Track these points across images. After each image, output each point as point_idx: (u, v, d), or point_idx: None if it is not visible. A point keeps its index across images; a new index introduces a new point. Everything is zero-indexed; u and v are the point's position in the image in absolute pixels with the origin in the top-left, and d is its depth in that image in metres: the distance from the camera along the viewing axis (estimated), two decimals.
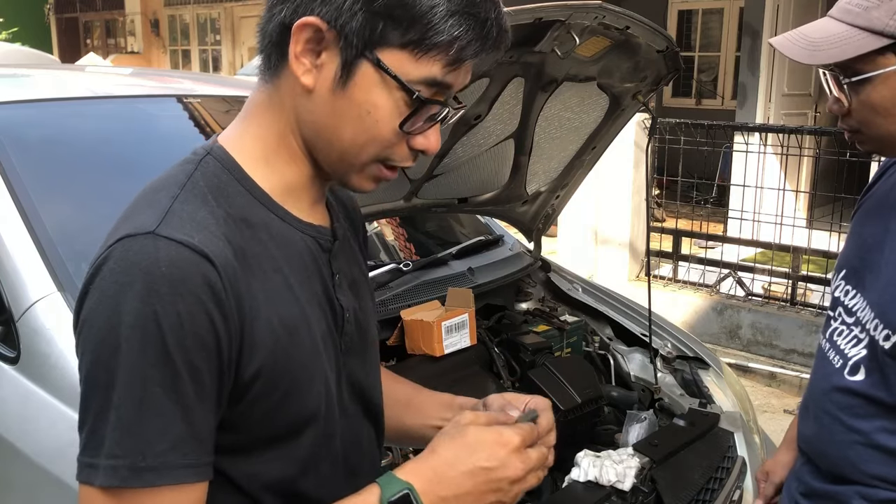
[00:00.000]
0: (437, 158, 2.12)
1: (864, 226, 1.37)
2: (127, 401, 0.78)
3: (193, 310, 0.78)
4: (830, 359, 1.35)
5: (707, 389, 2.31)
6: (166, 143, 2.48)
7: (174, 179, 0.88)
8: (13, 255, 1.81)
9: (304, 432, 0.91)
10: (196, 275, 0.79)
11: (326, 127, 0.88)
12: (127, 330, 0.77)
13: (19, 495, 1.70)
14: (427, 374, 1.96)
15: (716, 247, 5.80)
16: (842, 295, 1.36)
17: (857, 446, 1.29)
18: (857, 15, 1.16)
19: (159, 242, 0.79)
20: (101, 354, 0.79)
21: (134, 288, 0.77)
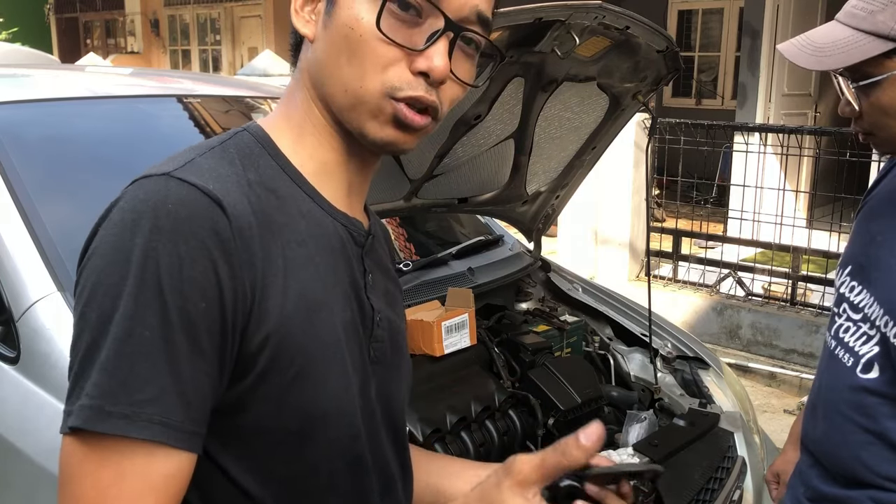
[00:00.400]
0: (437, 158, 2.12)
1: (869, 222, 1.37)
2: (113, 339, 0.72)
3: (196, 254, 0.73)
4: (840, 357, 1.33)
5: (707, 389, 2.31)
6: (166, 143, 2.48)
7: (206, 143, 0.85)
8: (13, 255, 1.81)
9: (315, 428, 0.83)
10: (204, 218, 0.74)
11: (327, 65, 0.83)
12: (122, 265, 0.72)
13: (19, 495, 1.70)
14: (427, 374, 1.96)
15: (716, 247, 5.80)
16: (847, 291, 1.35)
17: (870, 447, 1.28)
18: (862, 19, 1.16)
19: (171, 182, 0.75)
20: (96, 292, 0.74)
21: (138, 224, 0.73)
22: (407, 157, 2.05)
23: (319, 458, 0.84)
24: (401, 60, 0.81)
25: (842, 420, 1.32)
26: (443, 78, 0.81)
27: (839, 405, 1.32)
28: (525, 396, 2.03)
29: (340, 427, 0.85)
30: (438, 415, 1.84)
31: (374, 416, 0.90)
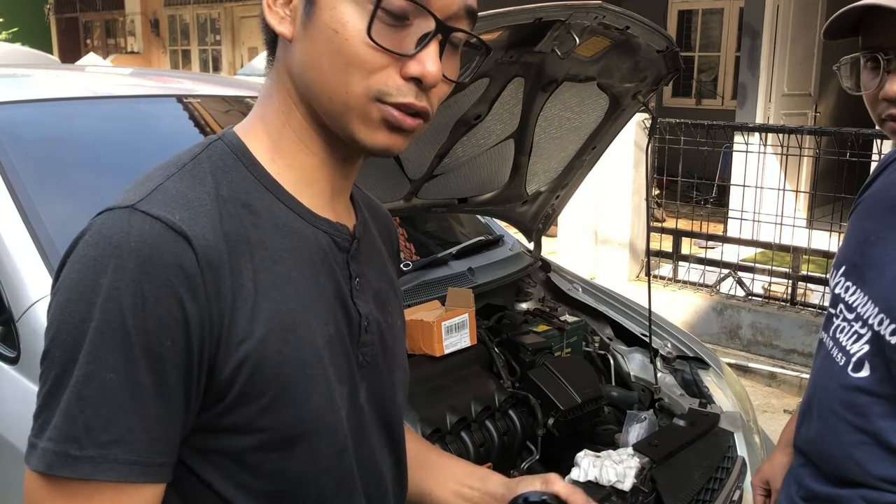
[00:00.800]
0: (437, 158, 2.12)
1: (863, 221, 1.36)
2: (75, 383, 0.71)
3: (160, 293, 0.71)
4: (834, 356, 1.33)
5: (707, 389, 2.31)
6: (166, 143, 2.48)
7: (177, 160, 0.83)
8: (13, 255, 1.81)
9: (298, 445, 0.82)
10: (167, 254, 0.72)
11: (309, 66, 0.80)
12: (84, 307, 0.72)
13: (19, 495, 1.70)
14: (427, 374, 1.96)
15: (716, 247, 5.80)
16: (842, 291, 1.35)
17: (863, 446, 1.27)
18: None
19: (134, 216, 0.73)
20: (60, 331, 0.73)
21: (101, 263, 0.72)
22: (407, 157, 2.05)
23: (305, 474, 0.83)
24: (390, 65, 0.78)
25: (835, 419, 1.31)
26: (435, 82, 0.79)
27: (832, 404, 1.32)
28: (525, 396, 2.03)
29: (324, 443, 0.84)
30: (438, 415, 1.84)
31: (363, 422, 0.90)
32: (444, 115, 1.94)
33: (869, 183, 1.43)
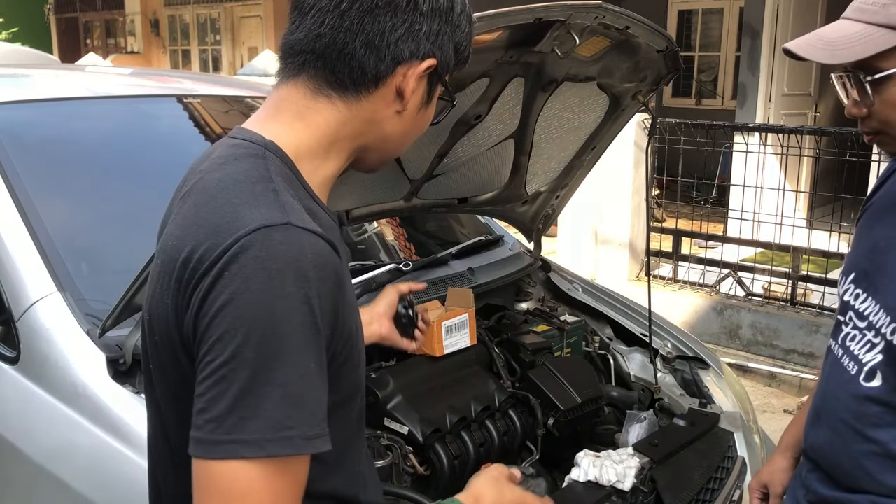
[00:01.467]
0: (437, 158, 2.12)
1: (873, 228, 1.35)
2: (292, 378, 0.84)
3: (330, 291, 0.88)
4: (845, 365, 1.32)
5: (707, 389, 2.31)
6: (166, 143, 2.48)
7: (258, 173, 0.93)
8: (13, 255, 1.81)
9: (354, 399, 1.01)
10: (330, 262, 0.89)
11: (402, 137, 1.05)
12: (284, 312, 0.84)
13: (19, 495, 1.70)
14: (427, 374, 1.96)
15: (716, 247, 5.80)
16: (852, 299, 1.34)
17: (874, 456, 1.27)
18: (874, 13, 1.16)
19: (301, 234, 0.87)
20: (254, 334, 0.83)
21: (287, 274, 0.84)
22: (407, 157, 2.05)
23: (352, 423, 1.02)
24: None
25: (845, 429, 1.30)
26: None
27: (842, 413, 1.31)
28: (525, 396, 2.03)
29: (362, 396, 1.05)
30: (438, 415, 1.84)
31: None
32: None
33: (876, 189, 1.42)
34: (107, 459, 1.57)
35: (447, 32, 1.01)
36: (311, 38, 0.98)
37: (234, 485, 0.83)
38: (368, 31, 0.97)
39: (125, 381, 1.63)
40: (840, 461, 1.33)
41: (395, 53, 0.98)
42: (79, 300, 1.75)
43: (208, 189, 0.93)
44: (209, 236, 0.88)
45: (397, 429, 1.79)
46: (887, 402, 1.25)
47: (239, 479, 0.83)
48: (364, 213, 2.17)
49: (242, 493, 0.83)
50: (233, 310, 0.84)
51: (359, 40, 0.97)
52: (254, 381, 0.83)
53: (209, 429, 0.83)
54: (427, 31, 0.99)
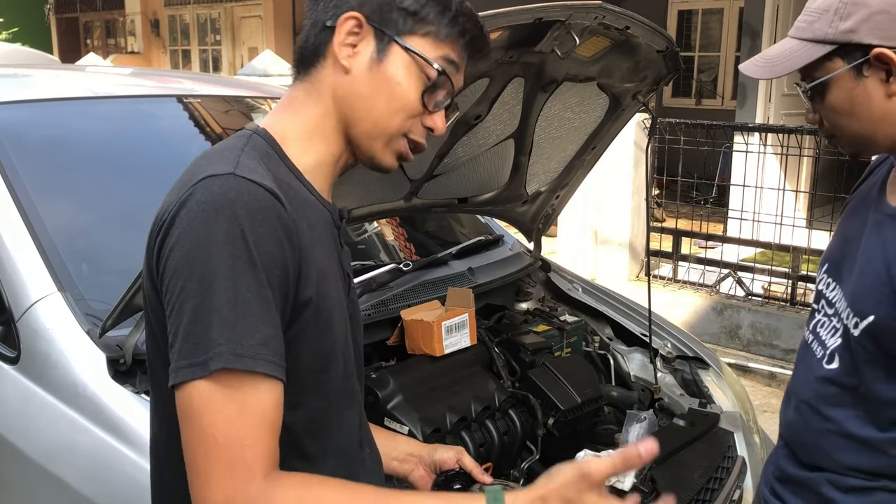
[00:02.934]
0: (437, 158, 2.12)
1: (847, 220, 1.45)
2: (224, 302, 0.90)
3: (270, 234, 0.94)
4: (814, 350, 1.42)
5: (707, 389, 2.32)
6: (166, 143, 2.48)
7: (232, 145, 1.03)
8: (13, 255, 1.81)
9: (330, 367, 1.06)
10: (271, 208, 0.95)
11: (364, 97, 1.06)
12: (219, 246, 0.91)
13: (19, 495, 1.70)
14: (427, 374, 1.96)
15: (716, 247, 5.80)
16: (824, 288, 1.43)
17: (830, 434, 1.36)
18: (803, 29, 1.30)
19: (240, 180, 0.94)
20: (196, 269, 0.91)
21: (222, 213, 0.92)
22: None
23: (330, 391, 1.07)
24: (420, 115, 1.09)
25: (807, 409, 1.40)
26: (441, 134, 1.11)
27: (807, 394, 1.41)
28: (525, 396, 2.03)
29: (342, 365, 1.08)
30: (438, 415, 1.85)
31: (357, 360, 1.15)
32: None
33: (858, 185, 1.50)
34: (107, 459, 1.57)
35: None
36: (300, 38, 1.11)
37: (192, 404, 0.91)
38: (311, 12, 1.09)
39: (125, 381, 1.63)
40: (803, 439, 1.42)
41: (321, 18, 1.07)
42: (79, 300, 1.75)
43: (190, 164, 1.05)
44: (171, 195, 0.99)
45: (397, 429, 1.79)
46: (842, 384, 1.34)
47: (194, 398, 0.91)
48: (364, 213, 2.17)
49: (200, 411, 0.91)
50: (178, 249, 0.93)
51: (308, 23, 1.09)
52: (197, 310, 0.91)
53: (174, 359, 0.92)
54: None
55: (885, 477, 1.31)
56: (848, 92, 1.26)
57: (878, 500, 1.32)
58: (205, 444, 0.90)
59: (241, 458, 0.90)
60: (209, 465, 0.90)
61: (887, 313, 1.25)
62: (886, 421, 1.30)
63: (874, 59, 1.22)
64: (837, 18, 1.23)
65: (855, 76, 1.25)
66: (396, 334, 2.05)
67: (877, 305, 1.26)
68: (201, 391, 0.90)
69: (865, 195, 1.42)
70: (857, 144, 1.32)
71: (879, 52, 1.21)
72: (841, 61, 1.25)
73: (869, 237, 1.33)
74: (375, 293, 2.06)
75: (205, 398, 0.90)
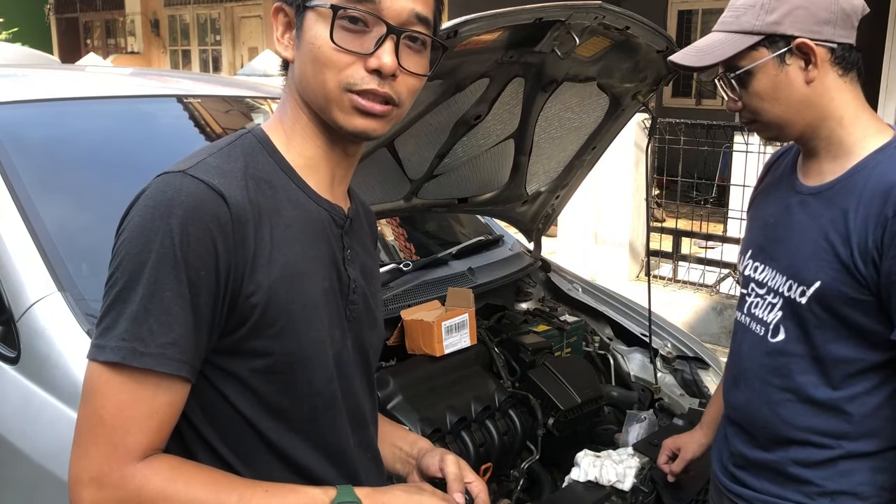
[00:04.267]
0: (437, 158, 2.12)
1: (761, 210, 1.57)
2: (141, 297, 0.94)
3: (201, 234, 0.95)
4: (754, 330, 1.50)
5: (707, 389, 2.32)
6: (166, 143, 2.48)
7: (218, 144, 1.06)
8: (13, 255, 1.81)
9: (297, 369, 1.05)
10: (208, 207, 0.96)
11: (304, 76, 1.05)
12: (145, 241, 0.94)
13: (19, 495, 1.70)
14: (427, 374, 1.96)
15: (716, 247, 5.80)
16: (752, 272, 1.53)
17: (787, 403, 1.43)
18: (731, 23, 1.41)
19: (185, 178, 0.97)
20: (125, 260, 0.96)
21: (158, 210, 0.95)
22: (407, 157, 2.05)
23: (302, 393, 1.06)
24: (356, 62, 1.02)
25: (760, 384, 1.47)
26: (392, 72, 1.02)
27: (758, 370, 1.48)
28: (525, 396, 2.03)
29: (317, 370, 1.07)
30: (438, 415, 1.85)
31: (348, 362, 1.13)
32: (444, 115, 1.94)
33: (762, 178, 1.63)
34: None
35: None
36: None
37: (91, 381, 0.97)
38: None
39: None
40: (760, 414, 1.47)
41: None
42: (79, 300, 1.75)
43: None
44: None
45: None
46: (793, 352, 1.42)
47: (94, 377, 0.96)
48: None
49: (94, 391, 0.96)
50: (121, 238, 0.98)
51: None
52: (117, 298, 0.95)
53: (94, 334, 0.97)
54: None
55: (845, 438, 1.39)
56: (772, 78, 1.38)
57: (844, 469, 1.40)
58: (92, 420, 0.96)
59: (122, 443, 0.95)
60: (91, 440, 0.97)
61: (831, 277, 1.35)
62: (839, 378, 1.38)
63: (796, 48, 1.35)
64: (763, 12, 1.36)
65: (778, 64, 1.37)
66: (396, 334, 2.05)
67: (820, 272, 1.37)
68: (101, 373, 0.95)
69: (775, 184, 1.55)
70: (776, 128, 1.43)
71: (801, 41, 1.35)
72: (766, 50, 1.37)
73: (796, 216, 1.44)
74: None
75: (103, 380, 0.95)
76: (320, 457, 1.10)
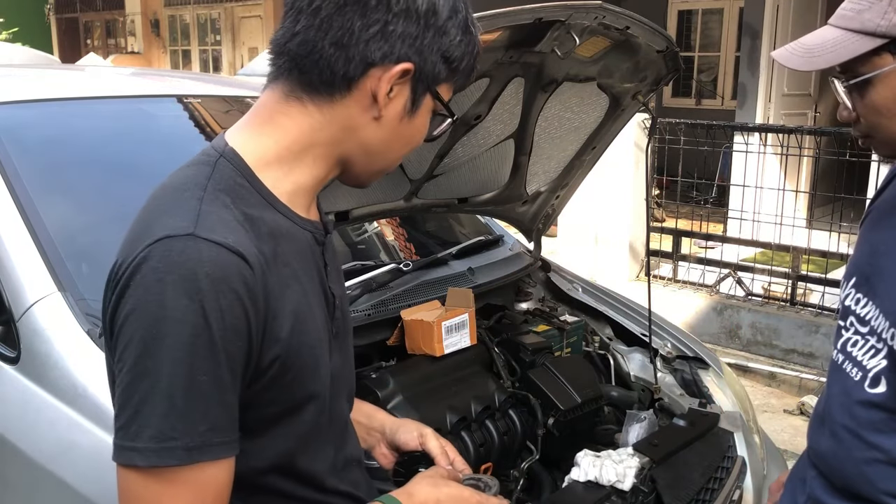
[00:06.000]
0: (437, 158, 2.12)
1: (873, 232, 1.34)
2: (178, 389, 0.85)
3: (233, 304, 0.87)
4: (847, 371, 1.30)
5: (707, 389, 2.31)
6: (166, 143, 2.48)
7: (194, 181, 0.94)
8: (13, 255, 1.81)
9: (305, 410, 1.02)
10: (235, 273, 0.88)
11: (385, 147, 1.02)
12: (175, 324, 0.85)
13: (19, 495, 1.70)
14: (427, 374, 1.96)
15: (716, 247, 5.80)
16: (853, 304, 1.32)
17: (876, 464, 1.25)
18: (850, 19, 1.17)
19: (200, 244, 0.87)
20: (150, 346, 0.85)
21: (180, 285, 0.85)
22: (407, 157, 2.04)
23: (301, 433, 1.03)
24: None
25: (849, 436, 1.28)
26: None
27: (846, 421, 1.29)
28: (525, 396, 2.03)
29: (318, 402, 1.04)
30: (438, 415, 1.85)
31: (335, 380, 1.09)
32: None
33: (880, 191, 1.40)
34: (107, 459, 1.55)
35: (428, 37, 0.97)
36: (286, 36, 0.97)
37: (131, 490, 0.89)
38: (338, 30, 0.94)
39: None
40: (842, 468, 1.31)
41: (365, 54, 0.95)
42: (79, 300, 1.75)
43: (150, 196, 0.97)
44: (126, 248, 0.91)
45: None
46: (892, 409, 1.22)
47: (133, 485, 0.89)
48: (364, 213, 2.17)
49: (137, 498, 0.89)
50: (134, 320, 0.87)
51: (328, 39, 0.94)
52: (149, 391, 0.86)
53: (119, 435, 0.89)
54: (402, 33, 0.95)
55: None
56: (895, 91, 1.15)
57: None
58: None
59: None
60: None
61: None
62: None
63: None
64: (892, 10, 1.12)
65: None
66: (396, 334, 2.05)
67: None
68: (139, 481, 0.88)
69: (891, 205, 1.32)
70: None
71: None
72: (891, 57, 1.14)
73: None
74: (375, 293, 2.05)
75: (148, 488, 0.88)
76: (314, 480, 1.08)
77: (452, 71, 1.01)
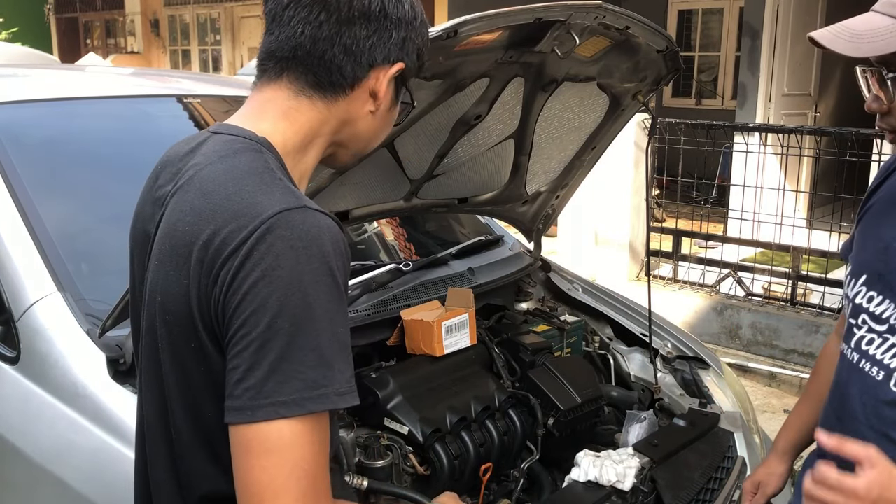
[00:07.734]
0: (437, 158, 2.12)
1: (880, 227, 1.31)
2: (324, 342, 0.94)
3: (346, 265, 0.99)
4: (867, 371, 1.27)
5: (707, 389, 2.31)
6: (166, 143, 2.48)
7: (263, 165, 1.04)
8: (13, 255, 1.81)
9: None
10: (343, 239, 1.00)
11: (373, 135, 1.17)
12: (312, 284, 0.94)
13: (19, 495, 1.70)
14: (427, 374, 1.96)
15: (716, 247, 5.80)
16: (865, 301, 1.29)
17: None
18: None
19: (316, 214, 0.98)
20: (287, 306, 0.92)
21: (310, 249, 0.95)
22: (407, 157, 2.05)
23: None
24: None
25: (875, 437, 1.25)
26: None
27: (872, 421, 1.27)
28: (525, 396, 2.03)
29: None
30: (438, 415, 1.84)
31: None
32: (444, 115, 1.94)
33: (876, 186, 1.38)
34: (107, 459, 1.57)
35: (412, 39, 1.13)
36: (291, 46, 1.08)
37: (278, 442, 0.92)
38: (346, 40, 1.08)
39: (125, 381, 1.63)
40: None
41: (370, 58, 1.10)
42: (79, 300, 1.76)
43: (215, 179, 1.02)
44: (229, 221, 0.97)
45: (397, 429, 1.79)
46: None
47: (283, 435, 0.92)
48: (364, 213, 2.17)
49: (286, 447, 0.92)
50: (266, 285, 0.93)
51: (337, 47, 1.08)
52: (289, 347, 0.92)
53: (249, 396, 0.92)
54: (396, 39, 1.11)
55: None
56: None
57: None
58: (296, 474, 0.93)
59: (323, 486, 0.96)
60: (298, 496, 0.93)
61: None
62: None
63: None
64: None
65: None
66: (396, 334, 2.05)
67: None
68: (288, 430, 0.92)
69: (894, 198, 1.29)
70: None
71: None
72: None
73: None
74: (375, 293, 2.05)
75: (297, 433, 0.93)
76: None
77: (421, 64, 1.18)
